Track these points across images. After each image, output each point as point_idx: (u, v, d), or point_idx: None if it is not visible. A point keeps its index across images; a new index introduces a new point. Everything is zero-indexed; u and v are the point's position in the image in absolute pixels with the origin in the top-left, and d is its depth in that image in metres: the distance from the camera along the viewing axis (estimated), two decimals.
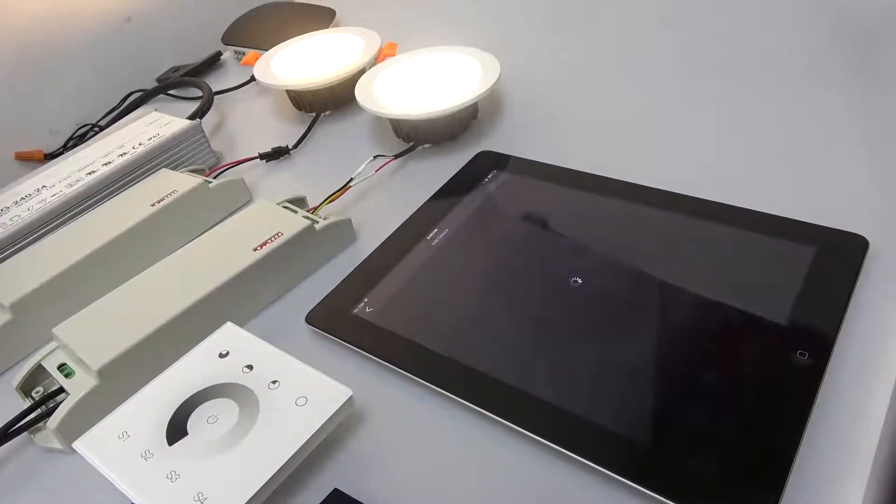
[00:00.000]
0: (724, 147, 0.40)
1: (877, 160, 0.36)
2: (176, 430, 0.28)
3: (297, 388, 0.29)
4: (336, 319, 0.34)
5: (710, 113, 0.43)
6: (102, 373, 0.31)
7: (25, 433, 0.32)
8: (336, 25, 0.66)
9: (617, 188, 0.38)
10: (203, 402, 0.29)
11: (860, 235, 0.31)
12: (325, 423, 0.27)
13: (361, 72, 0.51)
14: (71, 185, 0.45)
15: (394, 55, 0.53)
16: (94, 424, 0.29)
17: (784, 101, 0.42)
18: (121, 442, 0.28)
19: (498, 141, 0.46)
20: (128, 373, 0.32)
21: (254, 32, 0.66)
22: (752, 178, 0.37)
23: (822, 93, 0.42)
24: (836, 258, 0.31)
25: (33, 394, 0.33)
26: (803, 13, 0.50)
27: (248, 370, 0.30)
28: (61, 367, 0.33)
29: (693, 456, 0.25)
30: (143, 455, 0.27)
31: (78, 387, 0.32)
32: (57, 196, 0.44)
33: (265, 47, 0.58)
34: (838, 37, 0.46)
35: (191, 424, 0.28)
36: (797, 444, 0.24)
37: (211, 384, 0.29)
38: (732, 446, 0.25)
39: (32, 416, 0.32)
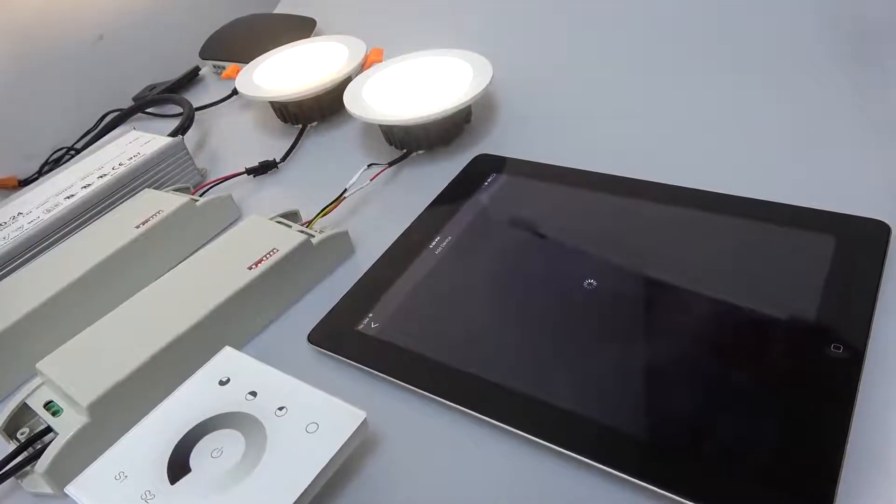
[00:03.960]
0: (732, 138, 0.39)
1: (892, 144, 0.35)
2: (178, 467, 0.26)
3: (307, 413, 0.27)
4: (340, 337, 0.33)
5: (715, 104, 0.42)
6: (93, 409, 0.29)
7: (12, 478, 0.30)
8: (318, 35, 0.64)
9: (623, 185, 0.37)
10: (205, 435, 0.27)
11: (882, 221, 0.30)
12: (339, 450, 0.25)
13: (348, 80, 0.49)
14: (49, 211, 0.43)
15: (381, 61, 0.52)
16: (87, 465, 0.27)
17: (793, 88, 0.41)
18: (118, 483, 0.26)
19: (493, 144, 0.45)
20: (121, 408, 0.30)
21: (233, 46, 0.64)
22: (763, 168, 0.36)
23: (832, 78, 0.41)
24: (859, 246, 0.30)
25: (18, 435, 0.31)
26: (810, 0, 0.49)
27: (252, 397, 0.28)
28: (48, 405, 0.31)
29: (732, 463, 0.23)
30: (144, 497, 0.25)
31: (67, 425, 0.29)
32: (34, 223, 0.42)
33: (245, 60, 0.57)
34: (850, 24, 0.45)
35: (194, 460, 0.26)
36: (844, 443, 0.23)
37: (212, 415, 0.27)
38: (775, 451, 0.23)
39: (19, 459, 0.30)
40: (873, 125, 0.37)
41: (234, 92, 0.56)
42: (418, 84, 0.46)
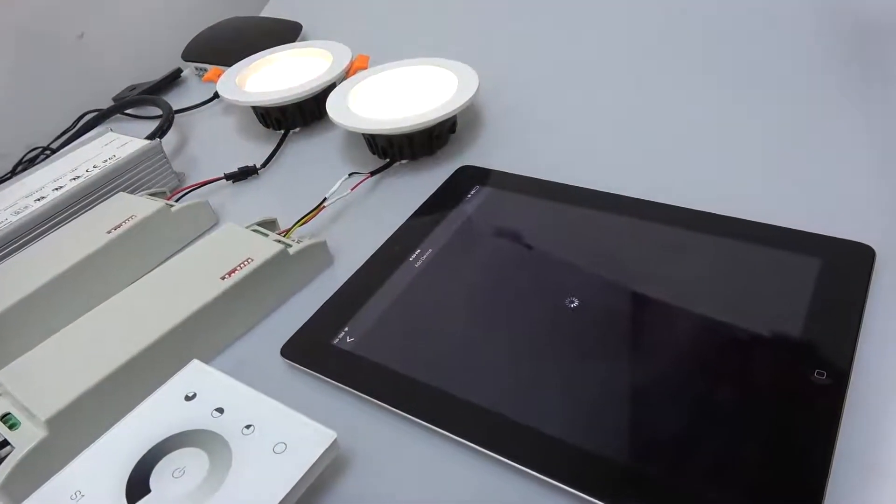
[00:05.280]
0: (718, 155, 0.39)
1: (879, 166, 0.35)
2: (137, 487, 0.25)
3: (275, 432, 0.26)
4: (314, 352, 0.32)
5: (703, 119, 0.42)
6: (52, 423, 0.28)
7: None
8: (303, 39, 0.63)
9: (608, 201, 0.36)
10: (168, 454, 0.26)
11: (866, 245, 0.30)
12: (307, 472, 0.24)
13: (332, 86, 0.49)
14: (18, 213, 0.41)
15: (366, 68, 0.51)
16: (44, 482, 0.26)
17: (782, 106, 0.41)
18: (73, 503, 0.24)
19: (478, 155, 0.44)
20: (81, 422, 0.29)
21: (216, 48, 0.63)
22: (749, 187, 0.36)
23: (822, 97, 0.41)
24: (844, 270, 0.29)
25: None
26: (801, 13, 0.49)
27: (219, 414, 0.27)
28: (5, 418, 0.29)
29: (712, 490, 0.23)
30: None
31: (24, 439, 0.28)
32: (2, 225, 0.40)
33: (228, 63, 0.56)
34: (839, 40, 0.45)
35: (154, 480, 0.25)
36: (827, 471, 0.23)
37: (176, 432, 0.26)
38: (757, 478, 0.23)
39: None
40: (862, 147, 0.37)
41: (216, 95, 0.55)
42: (403, 93, 0.45)
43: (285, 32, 0.63)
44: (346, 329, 0.32)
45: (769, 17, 0.49)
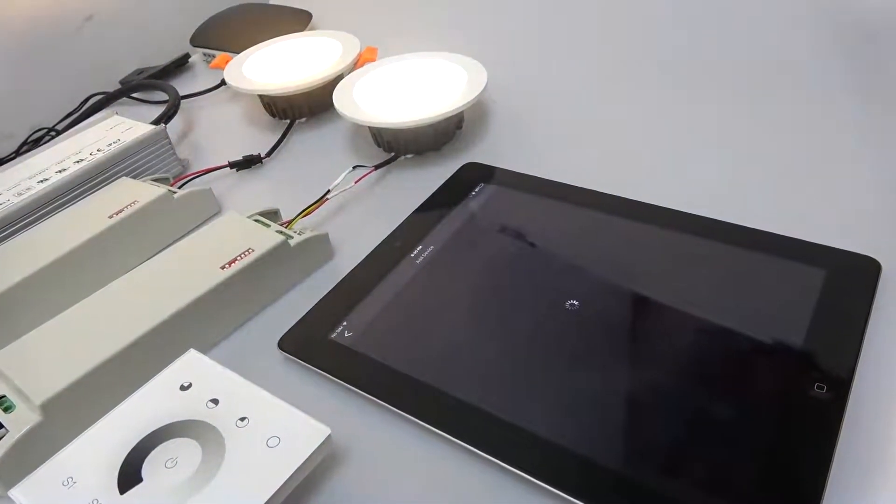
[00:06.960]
0: (725, 162, 0.38)
1: (888, 179, 0.35)
2: (129, 475, 0.24)
3: (269, 425, 0.26)
4: (312, 345, 0.31)
5: (710, 125, 0.41)
6: (47, 407, 0.28)
7: None
8: (312, 28, 0.63)
9: (613, 204, 0.36)
10: (161, 443, 0.25)
11: (872, 258, 0.30)
12: (300, 467, 0.24)
13: (339, 77, 0.48)
14: (20, 195, 0.41)
15: (374, 60, 0.51)
16: (36, 467, 0.25)
17: (789, 115, 0.41)
18: (65, 489, 0.24)
19: (484, 152, 0.44)
20: (76, 408, 0.28)
21: (225, 34, 0.63)
22: (755, 195, 0.36)
23: (829, 106, 0.40)
24: (849, 282, 0.29)
25: None
26: (808, 21, 0.48)
27: (213, 405, 0.27)
28: (0, 400, 0.29)
29: (710, 501, 0.22)
30: None
31: (18, 423, 0.28)
32: (3, 206, 0.40)
33: (237, 50, 0.55)
34: (845, 50, 0.45)
35: (146, 469, 0.25)
36: (822, 488, 0.22)
37: (170, 421, 0.26)
38: (751, 491, 0.23)
39: None
40: (872, 159, 0.36)
41: (223, 82, 0.55)
42: (410, 86, 0.45)
43: (295, 21, 0.62)
44: (345, 323, 0.32)
45: (776, 25, 0.49)
